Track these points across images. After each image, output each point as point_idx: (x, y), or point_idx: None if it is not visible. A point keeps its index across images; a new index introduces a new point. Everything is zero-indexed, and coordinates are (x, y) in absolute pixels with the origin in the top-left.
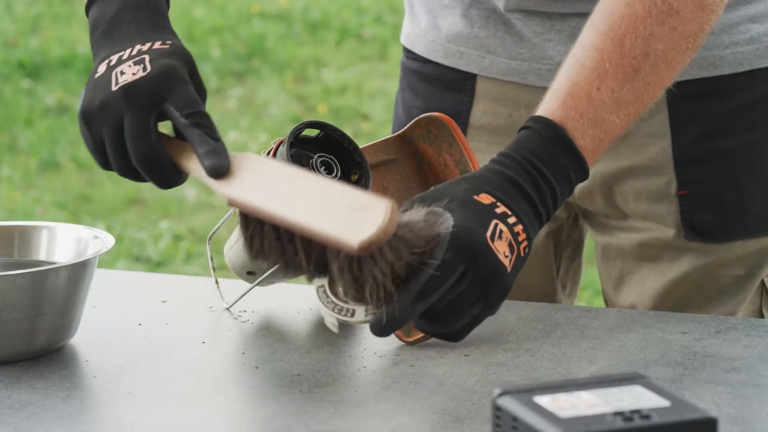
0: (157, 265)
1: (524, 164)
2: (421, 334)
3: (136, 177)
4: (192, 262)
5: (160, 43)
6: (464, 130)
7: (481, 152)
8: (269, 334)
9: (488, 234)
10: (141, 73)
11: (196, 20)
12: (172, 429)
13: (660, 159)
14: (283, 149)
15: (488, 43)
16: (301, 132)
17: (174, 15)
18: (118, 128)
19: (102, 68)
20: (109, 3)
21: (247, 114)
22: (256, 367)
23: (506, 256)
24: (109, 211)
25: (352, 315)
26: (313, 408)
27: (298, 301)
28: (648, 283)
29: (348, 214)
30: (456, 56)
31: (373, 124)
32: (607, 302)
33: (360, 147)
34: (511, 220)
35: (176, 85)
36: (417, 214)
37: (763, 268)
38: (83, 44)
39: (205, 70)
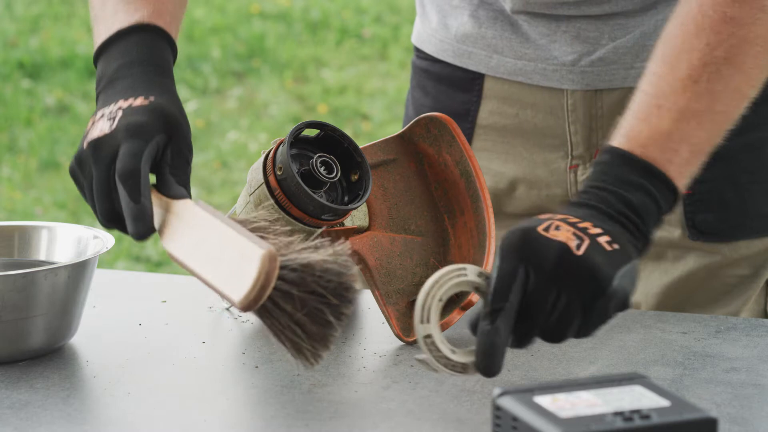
0: (157, 265)
1: (609, 189)
2: None
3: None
4: None
5: (142, 98)
6: (471, 130)
7: (488, 151)
8: (269, 334)
9: (540, 227)
10: (107, 130)
11: (196, 20)
12: (172, 429)
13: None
14: (283, 149)
15: (495, 44)
16: (301, 132)
17: None
18: (90, 182)
19: (89, 124)
20: (111, 60)
21: (247, 114)
22: (256, 367)
23: (569, 240)
24: None
25: (463, 370)
26: (313, 408)
27: None
28: (652, 281)
29: (236, 267)
30: (464, 56)
31: (373, 124)
32: None
33: (360, 147)
34: (574, 220)
35: (125, 142)
36: (319, 254)
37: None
38: (83, 44)
39: (205, 70)
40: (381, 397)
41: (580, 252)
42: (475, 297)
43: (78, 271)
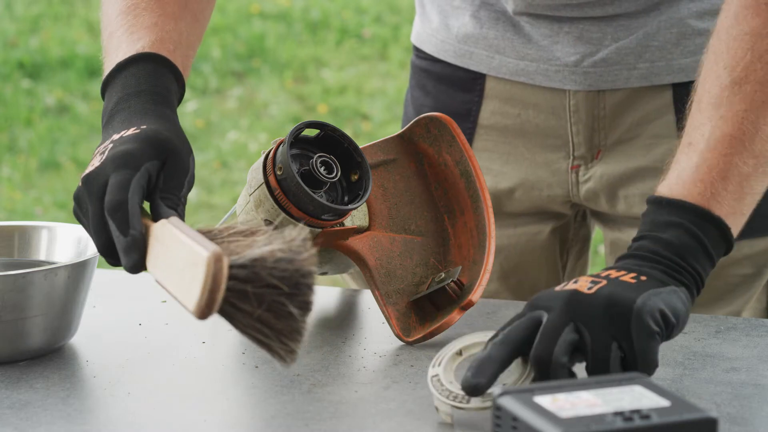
0: None
1: (638, 254)
2: (421, 334)
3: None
4: None
5: (134, 129)
6: (473, 130)
7: (489, 152)
8: None
9: (558, 287)
10: (96, 164)
11: None
12: (172, 429)
13: (665, 160)
14: (283, 149)
15: (497, 44)
16: (301, 132)
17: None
18: (88, 218)
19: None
20: (112, 94)
21: (247, 114)
22: (256, 367)
23: (581, 286)
24: None
25: (468, 402)
26: (313, 408)
27: None
28: None
29: (188, 275)
30: (466, 56)
31: (373, 124)
32: None
33: (360, 147)
34: (597, 273)
35: (113, 174)
36: (272, 244)
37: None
38: (83, 44)
39: (205, 70)
40: (381, 397)
41: (590, 291)
42: (475, 296)
43: (78, 271)
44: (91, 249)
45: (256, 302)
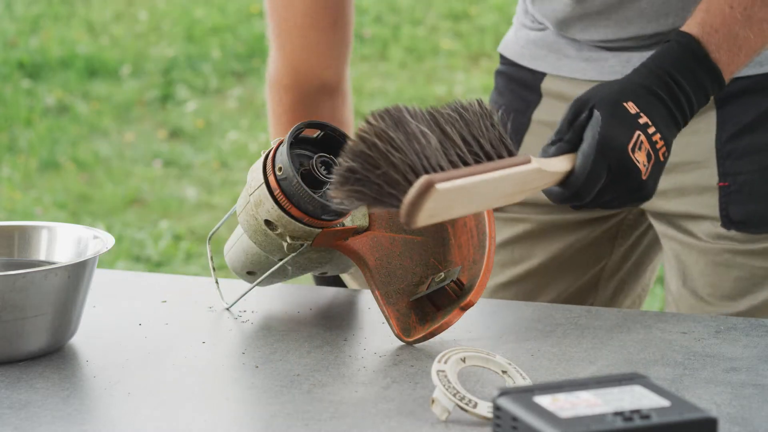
0: (157, 265)
1: (663, 76)
2: (421, 334)
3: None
4: (192, 262)
5: None
6: (527, 124)
7: (539, 145)
8: (269, 334)
9: (630, 145)
10: None
11: (196, 20)
12: (172, 429)
13: (704, 155)
14: (283, 149)
15: (564, 49)
16: (301, 132)
17: (174, 15)
18: None
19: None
20: None
21: (247, 114)
22: (256, 367)
23: (644, 165)
24: (109, 211)
25: (474, 407)
26: (313, 408)
27: (298, 301)
28: (689, 266)
29: None
30: (536, 58)
31: None
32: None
33: None
34: (651, 130)
35: None
36: None
37: None
38: (83, 44)
39: (205, 70)
40: (381, 397)
41: (645, 177)
42: (475, 297)
43: (78, 271)
44: (91, 249)
45: None
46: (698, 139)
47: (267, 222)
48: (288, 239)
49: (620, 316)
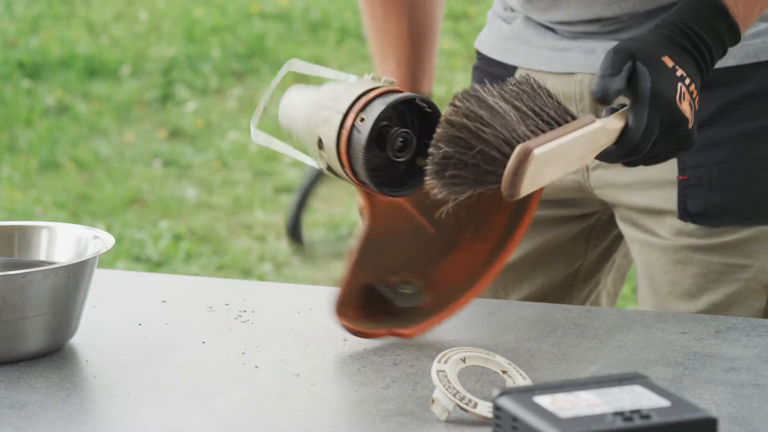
0: (157, 265)
1: (685, 29)
2: (349, 323)
3: None
4: (192, 262)
5: None
6: None
7: None
8: (269, 334)
9: (677, 97)
10: None
11: (196, 20)
12: (172, 429)
13: None
14: (379, 108)
15: (535, 40)
16: (408, 101)
17: (174, 15)
18: None
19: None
20: None
21: (247, 114)
22: (256, 367)
23: (689, 115)
24: (109, 211)
25: (474, 407)
26: (313, 408)
27: (298, 301)
28: (644, 261)
29: None
30: (509, 52)
31: None
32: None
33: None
34: (687, 81)
35: None
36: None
37: (758, 259)
38: (83, 44)
39: (205, 70)
40: (381, 397)
41: (691, 126)
42: (410, 332)
43: (78, 271)
44: (91, 249)
45: None
46: None
47: (320, 140)
48: (325, 169)
49: (620, 316)
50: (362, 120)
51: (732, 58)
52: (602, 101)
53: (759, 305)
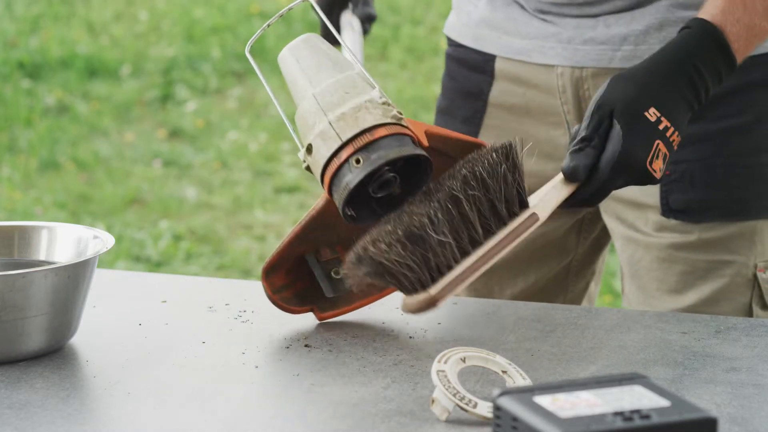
0: (157, 265)
1: (685, 64)
2: (275, 295)
3: None
4: (192, 262)
5: None
6: (483, 108)
7: (498, 128)
8: (269, 334)
9: (649, 158)
10: None
11: (196, 20)
12: (172, 429)
13: None
14: (377, 162)
15: (505, 26)
16: (409, 156)
17: (174, 15)
18: None
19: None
20: None
21: (247, 114)
22: (256, 367)
23: (660, 170)
24: (109, 211)
25: (474, 407)
26: (313, 408)
27: None
28: (627, 257)
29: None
30: (479, 39)
31: None
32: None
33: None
34: (669, 132)
35: None
36: None
37: (742, 255)
38: (83, 44)
39: (205, 70)
40: (381, 397)
41: (658, 176)
42: (324, 316)
43: (78, 271)
44: (91, 249)
45: None
46: None
47: (309, 147)
48: (304, 167)
49: (620, 316)
50: (357, 162)
51: None
52: (573, 180)
53: (744, 300)
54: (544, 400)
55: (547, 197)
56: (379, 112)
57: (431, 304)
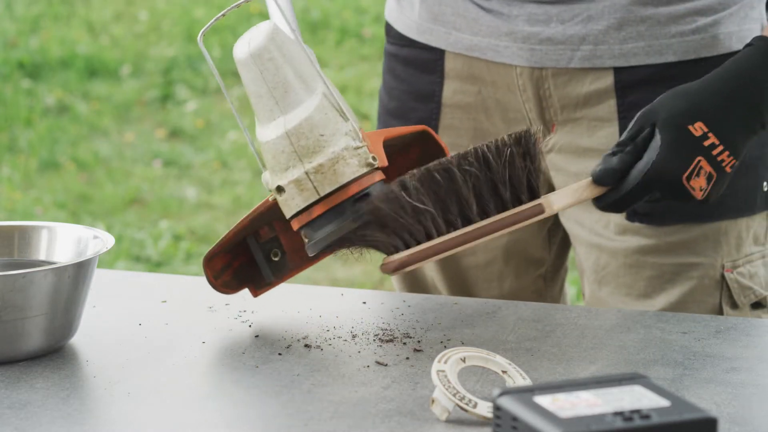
0: (157, 265)
1: (743, 79)
2: (210, 270)
3: None
4: (192, 262)
5: None
6: (438, 109)
7: (456, 128)
8: (269, 334)
9: (686, 174)
10: None
11: (196, 20)
12: (172, 429)
13: (608, 143)
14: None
15: (453, 21)
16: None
17: (174, 15)
18: None
19: None
20: None
21: (247, 114)
22: (256, 367)
23: (701, 189)
24: (109, 211)
25: (474, 407)
26: (313, 408)
27: (298, 301)
28: (590, 263)
29: None
30: (426, 32)
31: (372, 124)
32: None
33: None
34: (717, 150)
35: None
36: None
37: (708, 256)
38: (83, 44)
39: (205, 70)
40: (381, 397)
41: (701, 197)
42: (256, 293)
43: (78, 271)
44: (91, 249)
45: None
46: (602, 129)
47: (279, 188)
48: (270, 199)
49: (620, 316)
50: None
51: (672, 54)
52: (599, 184)
53: (714, 301)
54: (544, 400)
55: (564, 194)
56: (355, 162)
57: (400, 267)
